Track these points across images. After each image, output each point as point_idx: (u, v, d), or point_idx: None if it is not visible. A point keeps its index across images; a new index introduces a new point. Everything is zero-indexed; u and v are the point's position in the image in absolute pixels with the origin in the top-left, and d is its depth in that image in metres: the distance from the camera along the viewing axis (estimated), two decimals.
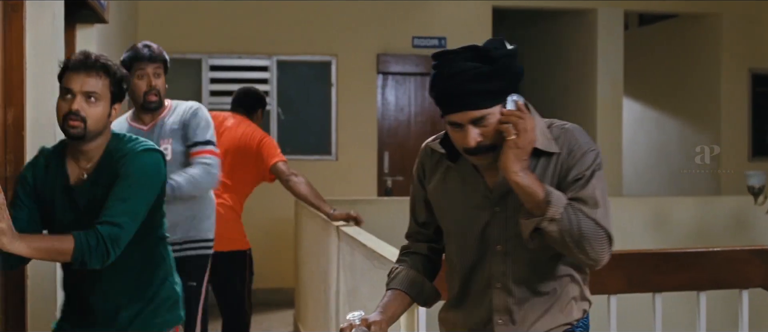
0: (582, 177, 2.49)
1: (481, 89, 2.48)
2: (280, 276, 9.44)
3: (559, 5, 10.42)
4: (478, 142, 2.49)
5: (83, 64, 3.10)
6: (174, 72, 9.55)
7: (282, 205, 9.27)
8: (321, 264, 6.53)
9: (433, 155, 2.79)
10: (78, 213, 3.18)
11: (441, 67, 2.55)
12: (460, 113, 2.49)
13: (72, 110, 3.06)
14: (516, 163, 2.44)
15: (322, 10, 9.87)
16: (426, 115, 10.16)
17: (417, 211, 2.89)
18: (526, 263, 2.61)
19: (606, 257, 2.46)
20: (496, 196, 2.61)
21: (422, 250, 2.89)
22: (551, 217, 2.40)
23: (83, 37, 5.76)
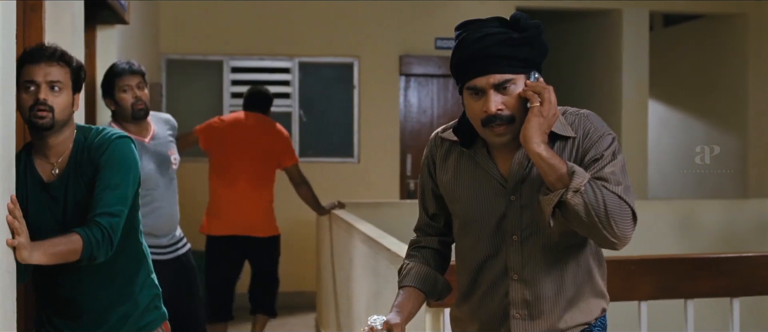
0: (601, 157, 2.44)
1: (509, 54, 2.44)
2: (302, 279, 9.38)
3: (584, 5, 10.33)
4: (499, 109, 2.43)
5: (43, 54, 3.07)
6: (195, 74, 9.64)
7: (303, 208, 9.20)
8: (343, 268, 6.46)
9: (442, 144, 2.73)
10: (58, 210, 3.13)
11: (467, 32, 2.51)
12: (484, 77, 2.44)
13: (39, 100, 3.03)
14: (538, 133, 2.37)
15: (345, 12, 9.80)
16: (449, 117, 10.07)
17: (427, 203, 2.83)
18: (544, 254, 2.55)
19: (630, 234, 2.39)
20: (512, 184, 2.55)
21: (432, 244, 2.83)
22: (576, 188, 2.32)
23: (104, 38, 5.72)
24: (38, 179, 3.15)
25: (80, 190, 3.13)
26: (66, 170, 3.14)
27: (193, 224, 9.22)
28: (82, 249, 2.95)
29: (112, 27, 5.83)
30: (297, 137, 9.74)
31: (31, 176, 3.14)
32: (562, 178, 2.34)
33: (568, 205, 2.33)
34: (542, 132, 2.38)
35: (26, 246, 2.78)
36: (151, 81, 8.39)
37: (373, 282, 5.23)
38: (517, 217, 2.54)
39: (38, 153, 3.17)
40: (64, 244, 2.94)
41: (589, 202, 2.32)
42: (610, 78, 10.38)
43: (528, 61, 2.46)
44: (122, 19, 5.65)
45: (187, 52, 9.64)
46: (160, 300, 3.47)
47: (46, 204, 3.14)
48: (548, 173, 2.36)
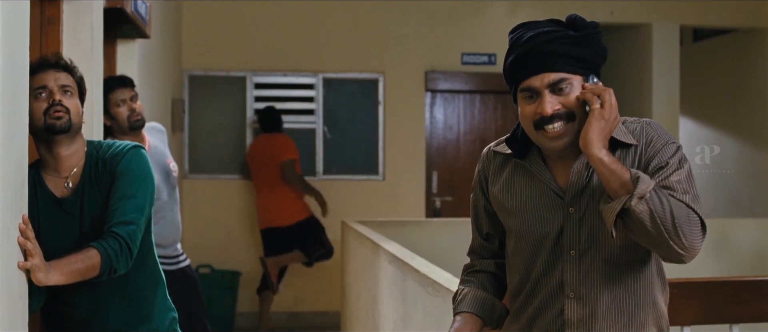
0: (666, 165, 2.30)
1: (565, 52, 2.31)
2: (326, 298, 9.28)
3: (613, 20, 10.17)
4: (555, 109, 2.30)
5: (50, 63, 3.04)
6: (218, 90, 9.54)
7: (328, 226, 9.09)
8: (369, 288, 6.31)
9: (495, 158, 2.58)
10: (73, 225, 3.05)
11: (520, 32, 2.38)
12: (538, 76, 2.32)
13: (55, 101, 2.96)
14: (600, 137, 2.24)
15: (369, 27, 9.68)
16: (475, 133, 9.93)
17: (480, 223, 2.68)
18: (603, 270, 2.39)
19: (699, 245, 2.24)
20: (570, 195, 2.39)
21: (488, 267, 2.67)
22: (641, 194, 2.17)
23: (124, 52, 5.63)
24: (50, 195, 3.06)
25: (97, 204, 3.05)
26: (80, 184, 3.06)
27: (200, 239, 9.14)
28: (100, 264, 2.86)
29: (133, 41, 5.73)
30: (321, 154, 9.62)
31: (41, 193, 3.06)
32: (626, 184, 2.20)
33: (633, 213, 2.19)
34: (604, 136, 2.25)
35: (41, 268, 2.66)
36: (173, 97, 8.34)
37: (400, 303, 5.08)
38: (576, 230, 2.40)
39: (48, 169, 3.09)
40: (81, 261, 2.83)
41: (655, 210, 2.17)
42: (640, 93, 10.22)
43: (585, 63, 2.35)
44: (143, 33, 5.54)
45: (209, 68, 9.55)
46: (177, 323, 3.37)
47: (61, 220, 3.05)
48: (610, 180, 2.22)
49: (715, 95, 11.24)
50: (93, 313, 3.15)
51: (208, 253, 9.09)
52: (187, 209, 8.85)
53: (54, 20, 3.90)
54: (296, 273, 9.39)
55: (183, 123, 9.11)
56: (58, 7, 4.01)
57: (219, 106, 9.64)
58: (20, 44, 2.53)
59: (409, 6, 9.70)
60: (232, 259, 9.31)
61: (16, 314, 2.57)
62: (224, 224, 9.41)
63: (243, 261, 9.34)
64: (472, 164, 9.63)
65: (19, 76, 2.53)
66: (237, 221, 9.44)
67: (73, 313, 3.15)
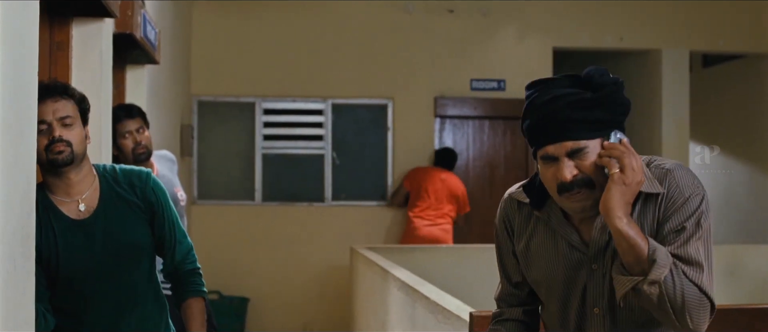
0: (683, 229, 2.19)
1: (582, 118, 2.21)
2: (335, 325, 9.23)
3: (623, 46, 10.16)
4: (574, 175, 2.21)
5: (47, 91, 2.97)
6: (227, 115, 9.54)
7: (337, 252, 9.07)
8: (378, 315, 6.27)
9: (520, 208, 2.48)
10: (94, 247, 3.04)
11: (536, 94, 2.28)
12: (556, 145, 2.22)
13: (55, 137, 2.94)
14: (621, 204, 2.15)
15: (379, 53, 9.68)
16: (484, 159, 9.90)
17: (508, 270, 2.57)
18: (629, 327, 2.31)
19: (704, 327, 2.17)
20: (594, 251, 2.31)
21: (516, 316, 2.58)
22: (653, 280, 2.11)
23: (133, 78, 5.62)
24: (65, 218, 3.03)
25: (119, 224, 3.08)
26: (100, 206, 3.06)
27: (209, 265, 9.11)
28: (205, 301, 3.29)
29: (143, 67, 5.72)
30: (330, 179, 9.60)
31: (55, 217, 3.02)
32: (641, 262, 2.13)
33: (643, 293, 2.14)
34: (625, 203, 2.16)
35: None
36: (182, 123, 8.34)
37: (410, 330, 5.04)
38: (600, 287, 2.32)
39: (57, 193, 3.06)
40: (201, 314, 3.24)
41: (666, 293, 2.12)
42: (649, 119, 10.19)
43: (605, 123, 2.24)
44: (153, 59, 5.54)
45: (219, 94, 9.56)
46: None
47: (79, 242, 3.03)
48: (627, 253, 2.14)
49: (724, 121, 11.21)
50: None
51: (217, 279, 9.06)
52: (196, 235, 8.83)
53: (63, 46, 3.89)
54: (305, 299, 9.36)
55: (192, 149, 9.10)
56: (67, 33, 4.00)
57: (228, 131, 9.63)
58: (29, 70, 2.52)
59: (418, 32, 9.70)
60: (240, 285, 9.28)
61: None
62: (232, 250, 9.39)
63: (251, 286, 9.31)
64: (480, 190, 9.65)
65: (27, 102, 2.51)
66: (245, 247, 9.42)
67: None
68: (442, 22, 9.75)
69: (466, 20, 9.78)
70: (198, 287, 3.28)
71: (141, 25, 4.92)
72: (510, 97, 9.65)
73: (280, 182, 9.59)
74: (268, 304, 9.32)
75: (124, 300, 3.09)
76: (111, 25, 4.41)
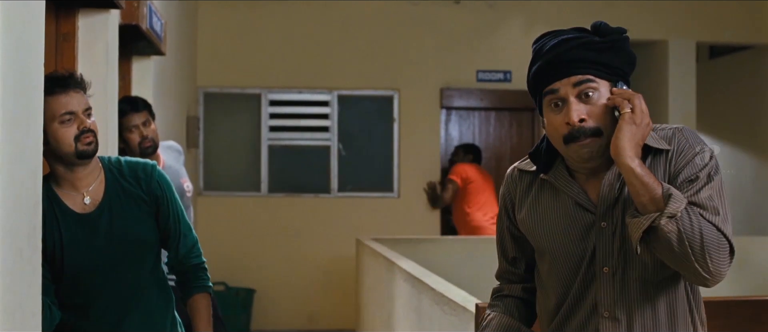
0: (696, 178, 2.17)
1: (590, 58, 2.22)
2: (341, 316, 9.23)
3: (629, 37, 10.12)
4: (582, 119, 2.19)
5: (70, 83, 3.00)
6: (233, 107, 9.54)
7: (343, 243, 9.07)
8: (384, 306, 6.27)
9: (521, 179, 2.47)
10: (98, 240, 3.05)
11: (543, 41, 2.29)
12: (563, 80, 2.21)
13: (86, 128, 2.97)
14: (632, 144, 2.13)
15: (385, 44, 9.67)
16: (490, 151, 9.89)
17: (505, 246, 2.57)
18: (638, 288, 2.27)
19: (725, 271, 2.13)
20: (602, 208, 2.28)
21: (516, 292, 2.57)
22: (671, 213, 2.06)
23: (139, 69, 5.62)
24: (69, 211, 3.04)
25: (125, 217, 3.09)
26: (105, 200, 3.07)
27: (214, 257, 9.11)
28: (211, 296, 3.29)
29: (148, 58, 5.72)
30: (336, 171, 9.60)
31: (59, 210, 3.03)
32: (656, 200, 2.09)
33: (660, 232, 2.08)
34: (636, 143, 2.14)
35: None
36: (188, 114, 8.34)
37: (415, 321, 5.04)
38: (609, 246, 2.28)
39: (63, 185, 3.06)
40: (207, 309, 3.24)
41: (684, 230, 2.07)
42: (656, 111, 10.16)
43: (612, 69, 2.24)
44: (158, 50, 5.54)
45: (224, 85, 9.56)
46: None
47: (84, 235, 3.04)
48: (641, 193, 2.10)
49: (731, 112, 11.18)
50: (115, 328, 3.14)
51: (222, 270, 9.06)
52: (202, 227, 8.83)
53: (69, 37, 3.89)
54: (311, 291, 9.37)
55: (198, 140, 9.10)
56: (73, 24, 4.00)
57: (234, 123, 9.64)
58: (35, 61, 2.52)
59: (425, 23, 9.68)
60: (246, 276, 9.29)
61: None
62: (238, 241, 9.40)
63: (257, 278, 9.32)
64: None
65: (33, 94, 2.51)
66: (251, 239, 9.42)
67: (96, 328, 3.13)
68: (448, 13, 9.73)
69: (472, 11, 9.77)
70: (203, 282, 3.28)
71: (147, 16, 4.92)
72: (516, 88, 9.63)
73: (286, 173, 9.59)
74: (274, 295, 9.33)
75: (129, 295, 3.10)
76: (117, 17, 4.41)
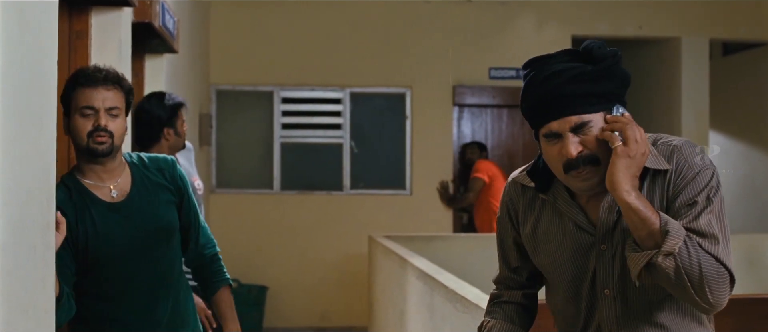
0: (695, 202, 2.13)
1: (583, 91, 2.16)
2: (353, 313, 9.23)
3: (642, 34, 10.11)
4: (579, 151, 2.16)
5: (100, 79, 3.02)
6: (245, 104, 9.55)
7: (355, 240, 9.07)
8: (396, 304, 6.27)
9: (524, 193, 2.43)
10: (130, 228, 3.11)
11: (535, 71, 2.23)
12: (559, 121, 2.17)
13: (100, 125, 2.99)
14: (627, 178, 2.09)
15: (397, 41, 9.67)
16: (503, 148, 9.88)
17: (507, 255, 2.54)
18: (641, 307, 2.26)
19: (725, 301, 2.09)
20: (602, 232, 2.26)
21: (515, 298, 2.55)
22: (668, 251, 2.04)
23: (152, 67, 5.62)
24: (99, 201, 3.08)
25: (153, 207, 3.16)
26: (133, 190, 3.14)
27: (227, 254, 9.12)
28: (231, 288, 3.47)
29: (161, 56, 5.73)
30: (348, 168, 9.60)
31: (89, 199, 3.08)
32: (654, 235, 2.06)
33: (658, 267, 2.06)
34: (631, 176, 2.10)
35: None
36: (201, 112, 8.35)
37: (428, 319, 5.04)
38: (609, 268, 2.26)
39: (90, 177, 3.10)
40: (232, 302, 3.45)
41: (683, 265, 2.05)
42: (669, 108, 10.13)
43: (607, 96, 2.19)
44: (171, 47, 5.54)
45: (237, 83, 9.57)
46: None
47: (117, 225, 3.09)
48: (639, 228, 2.08)
49: (744, 109, 11.14)
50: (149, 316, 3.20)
51: (235, 267, 9.07)
52: (214, 224, 8.84)
53: (82, 35, 3.90)
54: (323, 288, 9.38)
55: (210, 138, 9.12)
56: (86, 22, 4.01)
57: (246, 120, 9.65)
58: (49, 60, 2.53)
59: (437, 20, 9.68)
60: (259, 273, 9.30)
61: (42, 328, 2.56)
62: (251, 238, 9.41)
63: (270, 275, 9.33)
64: None
65: (46, 91, 2.52)
66: (264, 236, 9.44)
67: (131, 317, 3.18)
68: (460, 10, 9.72)
69: (484, 8, 9.76)
70: (224, 275, 3.43)
71: (160, 14, 4.92)
72: None
73: (298, 171, 9.60)
74: (286, 293, 9.34)
75: (160, 283, 3.17)
76: (130, 14, 4.42)
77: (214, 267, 3.42)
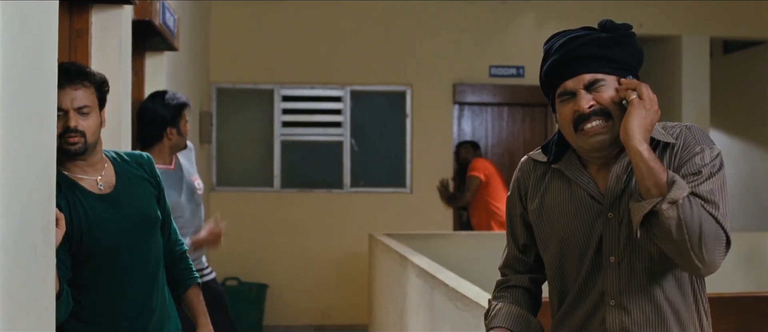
0: (699, 172, 2.22)
1: (599, 54, 2.30)
2: (353, 312, 9.24)
3: (642, 32, 10.08)
4: (591, 105, 2.28)
5: (67, 77, 2.98)
6: (245, 102, 9.55)
7: (355, 238, 9.07)
8: (397, 302, 6.27)
9: (535, 168, 2.52)
10: (120, 218, 3.14)
11: (553, 41, 2.38)
12: (574, 79, 2.30)
13: (69, 127, 2.99)
14: (641, 127, 2.20)
15: (397, 39, 9.66)
16: (503, 146, 9.88)
17: (516, 232, 2.59)
18: (644, 276, 2.31)
19: (719, 262, 2.17)
20: (610, 199, 2.33)
21: (523, 283, 2.59)
22: (673, 199, 2.11)
23: (152, 65, 5.62)
24: (89, 193, 3.11)
25: (139, 199, 3.21)
26: (118, 182, 3.18)
27: (227, 252, 9.13)
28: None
29: (161, 54, 5.73)
30: (348, 166, 9.60)
31: (79, 191, 3.09)
32: (660, 185, 2.14)
33: (661, 217, 2.13)
34: (645, 127, 2.21)
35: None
36: (201, 110, 8.35)
37: (428, 317, 5.04)
38: (615, 236, 2.33)
39: (76, 172, 3.12)
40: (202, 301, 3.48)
41: (684, 218, 2.11)
42: (669, 106, 10.13)
43: (620, 63, 2.33)
44: (171, 46, 5.54)
45: (237, 81, 9.57)
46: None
47: (108, 215, 3.12)
48: (646, 177, 2.16)
49: (745, 108, 11.13)
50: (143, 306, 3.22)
51: (236, 265, 9.08)
52: None
53: (83, 33, 3.90)
54: (324, 286, 9.38)
55: (211, 136, 9.12)
56: (86, 20, 4.01)
57: (247, 118, 9.65)
58: (49, 58, 2.52)
59: (437, 18, 9.67)
60: (259, 271, 9.31)
61: (43, 327, 2.56)
62: (251, 236, 9.41)
63: (270, 273, 9.33)
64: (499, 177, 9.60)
65: (47, 90, 2.52)
66: (264, 234, 9.44)
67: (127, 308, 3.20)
68: (461, 8, 9.72)
69: (485, 6, 9.76)
70: (194, 273, 3.49)
71: (160, 12, 4.92)
72: (529, 83, 9.62)
73: (298, 169, 9.60)
74: (287, 291, 9.34)
75: (152, 276, 3.22)
76: (130, 12, 4.41)
77: (184, 264, 3.47)
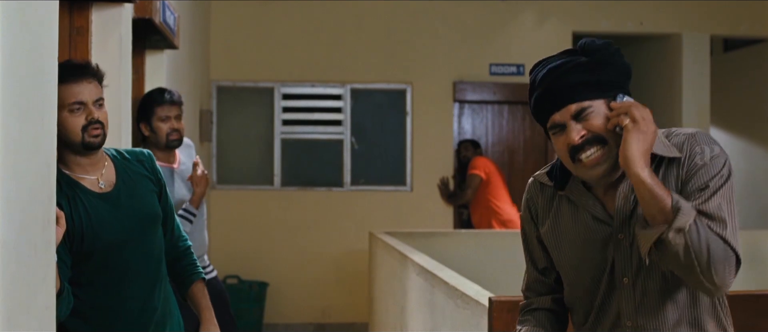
0: (706, 187, 2.17)
1: (579, 81, 2.23)
2: (354, 310, 9.24)
3: (642, 30, 10.10)
4: (582, 135, 2.22)
5: (83, 72, 3.06)
6: (246, 100, 9.55)
7: (356, 237, 9.06)
8: (397, 300, 6.26)
9: (543, 190, 2.48)
10: (121, 216, 3.15)
11: (535, 72, 2.33)
12: (560, 112, 2.25)
13: (94, 119, 3.04)
14: (640, 152, 2.13)
15: (397, 37, 9.66)
16: (503, 144, 9.88)
17: (534, 256, 2.57)
18: (658, 296, 2.29)
19: (730, 283, 2.14)
20: (619, 221, 2.29)
21: (545, 304, 2.56)
22: (679, 227, 2.07)
23: (153, 63, 5.62)
24: (89, 191, 3.12)
25: (139, 197, 3.22)
26: (119, 180, 3.19)
27: (228, 250, 9.14)
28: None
29: (161, 52, 5.72)
30: (349, 164, 9.60)
31: (80, 190, 3.11)
32: (665, 212, 2.10)
33: (668, 244, 2.09)
34: (643, 151, 2.13)
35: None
36: (201, 108, 8.35)
37: (428, 315, 5.04)
38: (627, 257, 2.30)
39: (76, 170, 3.14)
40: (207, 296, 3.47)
41: (691, 244, 2.08)
42: (670, 105, 10.13)
43: (605, 85, 2.25)
44: (172, 43, 5.54)
45: (237, 79, 9.56)
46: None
47: (109, 214, 3.13)
48: (650, 204, 2.11)
49: (745, 106, 11.13)
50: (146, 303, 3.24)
51: (236, 263, 9.08)
52: (215, 220, 8.85)
53: (83, 31, 3.90)
54: (324, 284, 9.38)
55: (211, 134, 9.11)
56: (87, 18, 4.01)
57: (247, 116, 9.64)
58: (49, 56, 2.52)
59: (437, 17, 9.67)
60: (259, 269, 9.31)
61: (44, 326, 2.56)
62: (252, 234, 9.41)
63: (270, 271, 9.33)
64: None
65: (47, 87, 2.51)
66: (264, 232, 9.44)
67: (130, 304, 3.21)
68: (461, 6, 9.71)
69: (485, 4, 9.75)
70: (198, 268, 3.49)
71: (160, 9, 4.92)
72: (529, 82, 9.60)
73: (299, 167, 9.60)
74: (287, 289, 9.34)
75: (154, 273, 3.23)
76: (130, 10, 4.41)
77: (188, 260, 3.48)
